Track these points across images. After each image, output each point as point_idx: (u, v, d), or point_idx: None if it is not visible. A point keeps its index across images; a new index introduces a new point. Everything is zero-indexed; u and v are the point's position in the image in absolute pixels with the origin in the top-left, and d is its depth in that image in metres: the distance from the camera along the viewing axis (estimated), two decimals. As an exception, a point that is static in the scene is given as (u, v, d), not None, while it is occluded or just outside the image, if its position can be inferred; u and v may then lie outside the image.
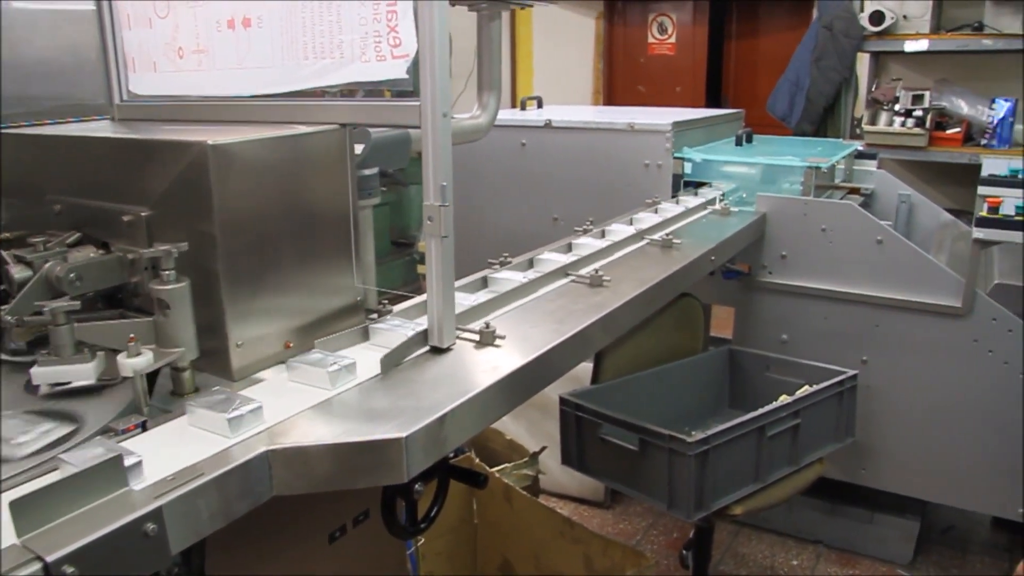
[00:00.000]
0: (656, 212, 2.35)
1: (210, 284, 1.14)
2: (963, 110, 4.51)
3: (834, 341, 2.49)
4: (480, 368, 1.22)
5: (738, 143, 3.02)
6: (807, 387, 2.12)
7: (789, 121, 5.00)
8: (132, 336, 1.06)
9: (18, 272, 1.17)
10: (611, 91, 6.98)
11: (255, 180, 1.18)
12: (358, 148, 1.43)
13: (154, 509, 0.83)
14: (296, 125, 1.28)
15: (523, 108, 3.16)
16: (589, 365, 2.17)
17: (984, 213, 2.19)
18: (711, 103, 6.47)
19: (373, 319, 1.36)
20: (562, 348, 1.34)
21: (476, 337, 1.31)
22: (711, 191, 2.67)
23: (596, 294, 1.61)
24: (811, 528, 2.83)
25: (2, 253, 1.21)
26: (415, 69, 1.19)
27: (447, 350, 1.28)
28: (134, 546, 0.82)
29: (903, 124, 4.55)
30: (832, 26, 4.69)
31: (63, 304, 1.09)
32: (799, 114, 4.94)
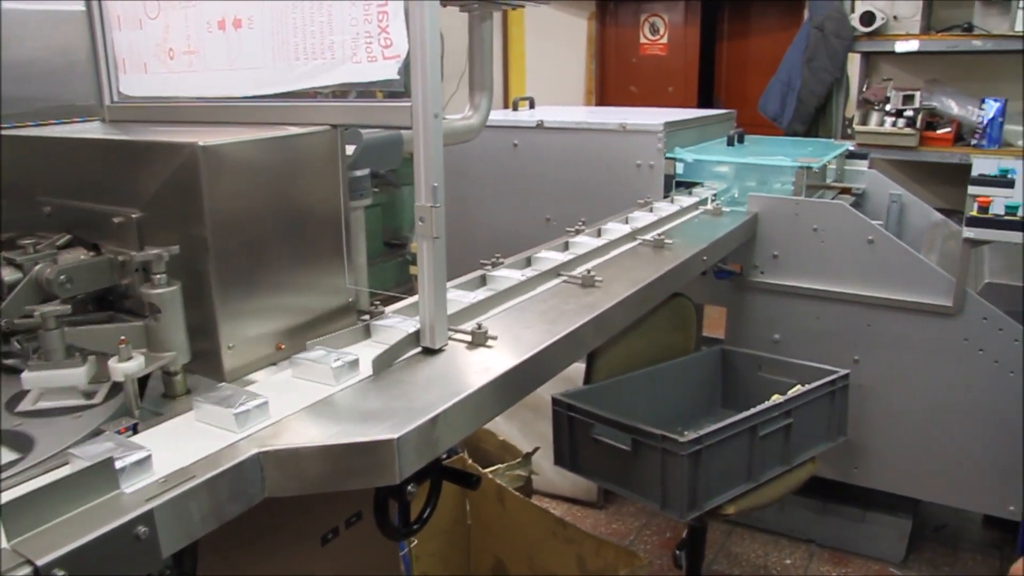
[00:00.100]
0: (651, 211, 2.35)
1: (201, 286, 1.14)
2: (953, 110, 4.54)
3: (826, 341, 2.50)
4: (472, 369, 1.22)
5: (730, 143, 3.03)
6: (799, 387, 2.13)
7: (781, 121, 5.02)
8: (123, 338, 1.05)
9: (8, 274, 1.17)
10: (603, 92, 6.99)
11: (246, 181, 1.18)
12: (350, 149, 1.43)
13: (145, 512, 0.83)
14: (287, 126, 1.28)
15: (515, 109, 3.16)
16: (582, 365, 2.17)
17: (974, 213, 2.20)
18: (703, 103, 6.49)
19: (365, 320, 1.36)
20: (554, 349, 1.34)
21: (468, 338, 1.31)
22: (703, 191, 2.67)
23: (588, 294, 1.61)
24: (804, 527, 2.84)
25: (-7, 255, 1.20)
26: (406, 70, 1.20)
27: (439, 351, 1.28)
28: (125, 549, 0.82)
29: (894, 124, 4.58)
30: (823, 27, 4.70)
31: (54, 308, 1.09)
32: (790, 114, 4.95)
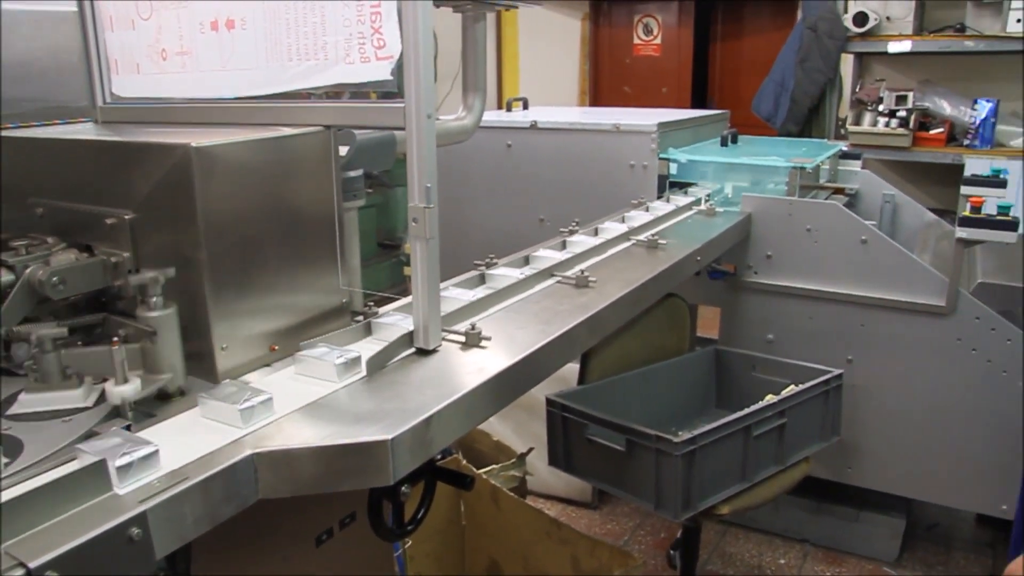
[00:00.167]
0: (647, 211, 2.36)
1: (194, 287, 1.14)
2: (946, 111, 4.56)
3: (819, 340, 2.50)
4: (466, 370, 1.22)
5: (723, 144, 3.03)
6: (793, 387, 2.13)
7: (774, 122, 5.03)
8: (115, 339, 1.05)
9: (0, 276, 1.16)
10: (597, 92, 6.99)
11: (239, 182, 1.18)
12: (343, 150, 1.42)
13: (138, 514, 0.83)
14: (280, 127, 1.27)
15: (509, 109, 3.16)
16: (576, 366, 2.17)
17: (967, 213, 2.21)
18: (696, 104, 6.50)
19: (359, 321, 1.36)
20: (548, 349, 1.35)
21: (462, 339, 1.31)
22: (697, 191, 2.68)
23: (582, 295, 1.61)
24: (798, 527, 2.84)
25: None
26: (400, 71, 1.19)
27: (433, 352, 1.28)
28: (118, 551, 0.81)
29: (887, 124, 4.60)
30: (816, 27, 4.72)
31: (51, 331, 1.09)
32: (784, 115, 4.97)
